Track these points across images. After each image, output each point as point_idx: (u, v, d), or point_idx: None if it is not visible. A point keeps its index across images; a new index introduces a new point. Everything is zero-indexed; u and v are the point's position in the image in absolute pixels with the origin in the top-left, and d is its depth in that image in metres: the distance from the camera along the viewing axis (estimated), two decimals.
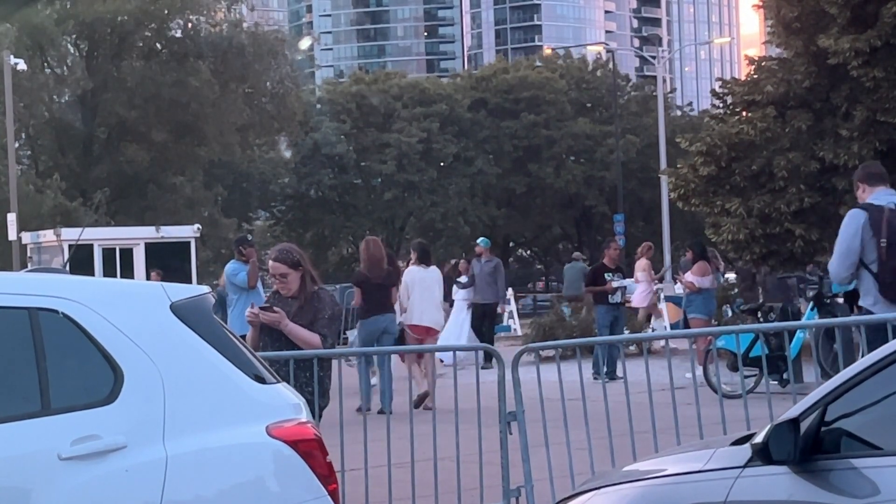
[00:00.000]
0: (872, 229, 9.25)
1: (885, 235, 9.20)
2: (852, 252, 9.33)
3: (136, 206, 52.31)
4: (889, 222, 9.21)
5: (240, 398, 5.18)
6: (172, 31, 56.60)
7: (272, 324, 8.64)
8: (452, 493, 8.92)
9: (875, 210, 9.30)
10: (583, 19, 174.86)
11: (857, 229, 9.32)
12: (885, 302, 9.29)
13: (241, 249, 16.31)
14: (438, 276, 17.16)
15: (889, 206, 9.31)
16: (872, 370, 4.70)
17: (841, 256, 9.43)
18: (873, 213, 9.29)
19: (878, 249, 9.22)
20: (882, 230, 9.21)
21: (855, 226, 9.34)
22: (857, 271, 9.42)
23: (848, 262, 9.37)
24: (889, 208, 9.29)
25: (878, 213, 9.26)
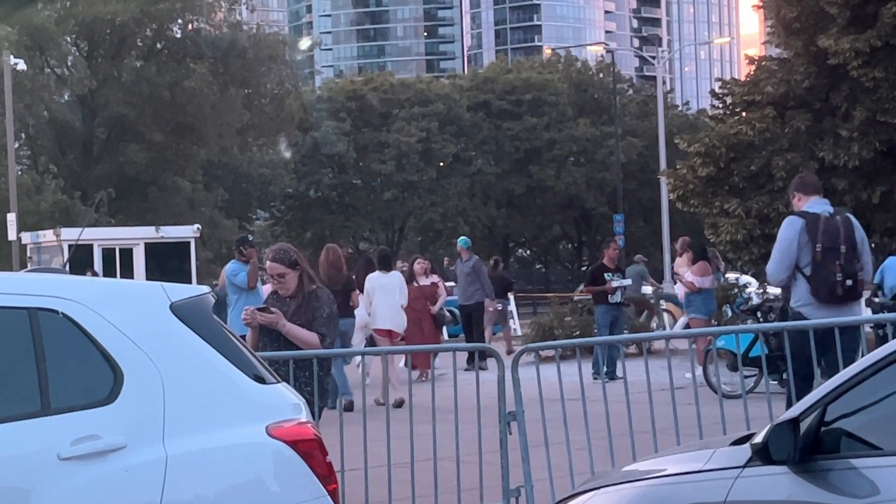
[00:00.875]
0: (808, 235, 9.89)
1: (820, 241, 9.84)
2: (789, 256, 9.98)
3: (136, 206, 52.32)
4: (825, 229, 9.87)
5: (239, 398, 5.18)
6: (172, 32, 56.61)
7: (270, 324, 8.64)
8: (452, 493, 8.92)
9: (811, 217, 9.97)
10: (583, 19, 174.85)
11: (794, 235, 9.98)
12: (815, 303, 9.93)
13: (241, 250, 16.30)
14: (400, 280, 17.95)
15: (824, 213, 10.01)
16: (872, 370, 4.71)
17: (778, 260, 10.06)
18: (809, 220, 9.97)
19: (812, 254, 9.86)
20: (818, 236, 9.85)
21: (792, 231, 10.00)
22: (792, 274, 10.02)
23: (785, 265, 10.02)
24: (824, 216, 9.97)
25: (814, 220, 9.94)
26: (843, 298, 9.89)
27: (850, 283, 9.86)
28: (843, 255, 9.87)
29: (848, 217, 10.13)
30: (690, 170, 22.40)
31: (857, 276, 9.91)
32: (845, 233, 9.94)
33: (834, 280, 9.84)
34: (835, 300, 9.88)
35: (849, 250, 9.89)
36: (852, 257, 9.90)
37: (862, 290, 10.10)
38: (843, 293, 9.88)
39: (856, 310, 10.11)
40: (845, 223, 10.00)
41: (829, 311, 9.83)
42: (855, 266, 9.91)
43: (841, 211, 10.31)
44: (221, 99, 53.46)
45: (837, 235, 9.92)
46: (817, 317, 9.78)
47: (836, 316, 9.73)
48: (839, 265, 9.84)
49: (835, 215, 10.06)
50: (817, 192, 10.30)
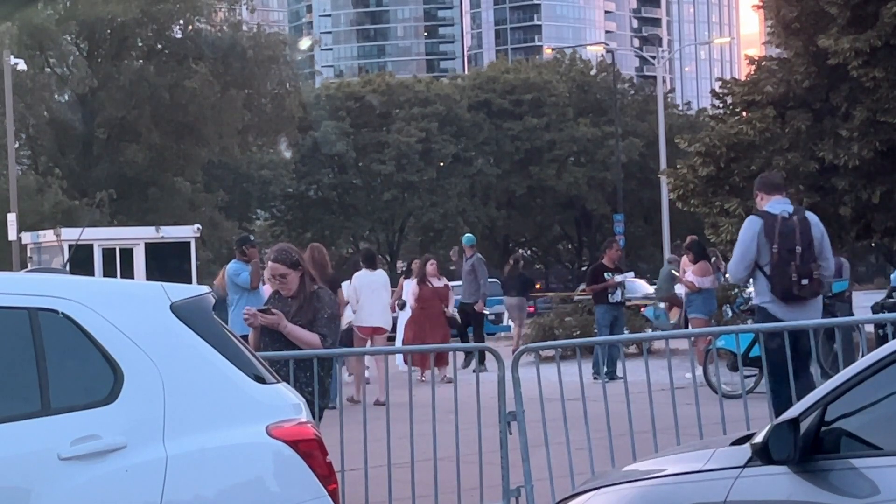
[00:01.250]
0: (766, 235, 10.20)
1: (776, 241, 10.16)
2: (748, 255, 10.30)
3: (136, 206, 52.33)
4: (781, 230, 10.18)
5: (240, 398, 5.18)
6: (173, 33, 56.62)
7: (271, 326, 8.64)
8: (452, 493, 8.91)
9: (769, 217, 10.26)
10: (583, 19, 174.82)
11: (753, 235, 10.30)
12: (776, 300, 10.25)
13: (243, 249, 16.27)
14: (385, 279, 18.30)
15: (783, 214, 10.29)
16: (872, 370, 4.71)
17: (738, 259, 10.41)
18: (768, 220, 10.27)
19: (770, 254, 10.18)
20: (775, 237, 10.16)
21: (751, 231, 10.33)
22: (753, 272, 10.38)
23: (744, 263, 10.36)
24: (782, 216, 10.26)
25: (771, 220, 10.24)
26: (801, 297, 10.19)
27: (805, 281, 10.17)
28: (799, 255, 10.17)
29: (805, 218, 10.38)
30: (691, 169, 22.41)
31: (812, 275, 10.19)
32: (801, 233, 10.22)
33: (790, 279, 10.15)
34: (792, 298, 10.19)
35: (805, 250, 10.18)
36: (808, 257, 10.19)
37: (819, 289, 10.36)
38: (800, 292, 10.19)
39: (815, 307, 10.40)
40: (802, 224, 10.27)
41: (789, 308, 10.18)
42: (811, 266, 10.20)
43: (800, 211, 10.55)
44: (222, 99, 53.48)
45: (793, 236, 10.20)
46: (780, 313, 10.16)
47: (797, 312, 10.14)
48: (795, 265, 10.15)
49: (792, 216, 10.32)
50: (779, 192, 10.56)
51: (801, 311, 10.17)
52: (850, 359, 11.72)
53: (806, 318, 9.99)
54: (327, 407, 9.27)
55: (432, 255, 21.64)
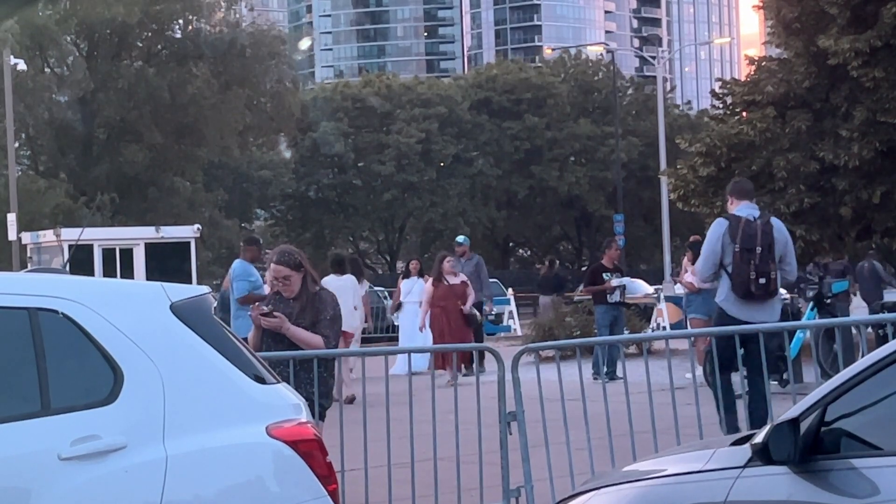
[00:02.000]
0: (730, 236, 10.82)
1: (739, 242, 10.77)
2: (714, 255, 10.95)
3: (136, 207, 52.33)
4: (744, 232, 10.78)
5: (240, 398, 5.18)
6: (172, 33, 56.64)
7: (274, 328, 8.65)
8: (452, 493, 8.91)
9: (735, 220, 10.91)
10: (583, 19, 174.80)
11: (718, 236, 10.96)
12: (735, 299, 10.87)
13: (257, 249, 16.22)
14: (353, 283, 18.38)
15: (748, 217, 10.91)
16: (872, 370, 4.71)
17: (704, 259, 11.08)
18: (733, 222, 10.93)
19: (732, 253, 10.79)
20: (737, 237, 10.78)
21: (717, 233, 10.99)
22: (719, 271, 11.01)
23: (710, 263, 11.01)
24: (747, 219, 10.88)
25: (736, 222, 10.87)
26: (758, 296, 10.77)
27: (763, 281, 10.75)
28: (759, 255, 10.75)
29: (769, 221, 10.97)
30: (691, 169, 22.40)
31: (770, 275, 10.77)
32: (763, 236, 10.81)
33: (748, 278, 10.73)
34: (750, 297, 10.78)
35: (764, 252, 10.76)
36: (767, 258, 10.77)
37: (777, 289, 10.93)
38: (757, 291, 10.76)
39: (772, 307, 10.97)
40: (764, 227, 10.87)
41: (747, 307, 10.79)
42: (769, 266, 10.77)
43: (766, 216, 11.16)
44: (221, 99, 53.49)
45: (755, 238, 10.79)
46: (736, 311, 10.82)
47: (753, 311, 10.81)
48: (754, 265, 10.73)
49: (757, 220, 10.92)
50: (748, 198, 11.19)
51: (756, 312, 10.74)
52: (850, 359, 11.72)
53: (761, 319, 10.53)
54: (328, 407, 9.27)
55: (448, 253, 20.95)
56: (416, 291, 21.29)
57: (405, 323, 21.55)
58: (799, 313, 16.98)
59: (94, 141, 54.94)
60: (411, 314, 21.30)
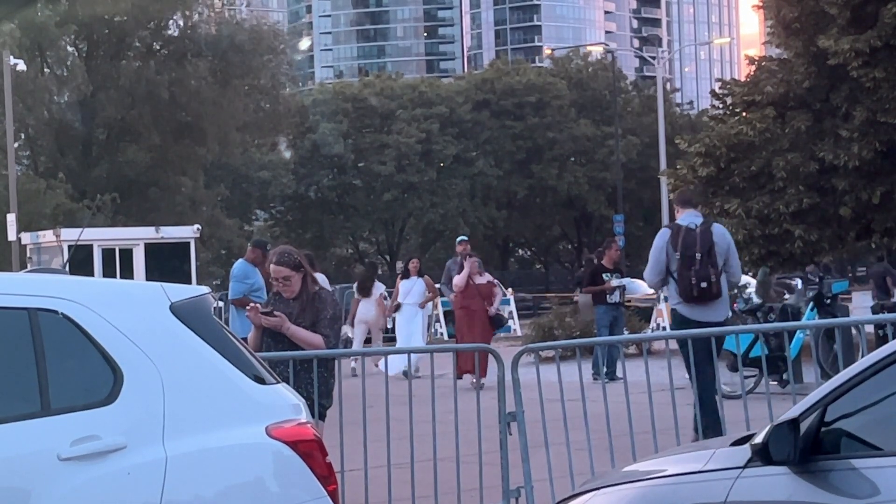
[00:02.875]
0: (672, 244, 11.51)
1: (679, 250, 11.46)
2: (659, 263, 11.63)
3: (136, 207, 52.32)
4: (684, 239, 11.46)
5: (239, 399, 5.18)
6: (170, 31, 56.67)
7: (274, 328, 8.65)
8: (452, 494, 8.91)
9: (675, 229, 11.62)
10: (583, 19, 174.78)
11: (663, 244, 11.64)
12: (684, 302, 11.54)
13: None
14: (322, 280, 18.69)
15: (689, 225, 11.56)
16: (872, 370, 4.70)
17: (650, 266, 11.75)
18: (674, 230, 11.61)
19: (676, 260, 11.48)
20: (678, 245, 11.47)
21: (661, 242, 11.66)
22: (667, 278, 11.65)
23: (656, 270, 11.68)
24: (687, 227, 11.54)
25: (677, 230, 11.57)
26: (702, 297, 11.45)
27: (704, 285, 11.40)
28: (699, 261, 11.41)
29: (707, 229, 11.60)
30: (691, 170, 22.40)
31: (710, 279, 11.41)
32: (702, 242, 11.48)
33: (690, 283, 11.41)
34: (694, 300, 11.47)
35: (704, 257, 11.43)
36: (707, 263, 11.42)
37: (720, 291, 11.52)
38: (699, 294, 11.44)
39: (719, 307, 11.61)
40: (703, 234, 11.53)
41: (696, 308, 11.49)
42: (708, 271, 11.42)
43: (707, 223, 11.78)
44: (221, 96, 53.49)
45: (694, 245, 11.47)
46: (687, 313, 11.54)
47: (701, 312, 11.47)
48: (694, 270, 11.41)
49: (698, 227, 11.58)
50: (691, 207, 11.96)
51: (706, 311, 11.49)
52: (850, 359, 11.73)
53: (711, 318, 11.38)
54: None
55: (473, 253, 20.29)
56: (417, 292, 20.98)
57: (403, 324, 21.10)
58: (799, 313, 16.98)
59: (94, 141, 54.95)
60: (410, 315, 20.96)
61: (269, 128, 60.12)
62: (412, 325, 20.80)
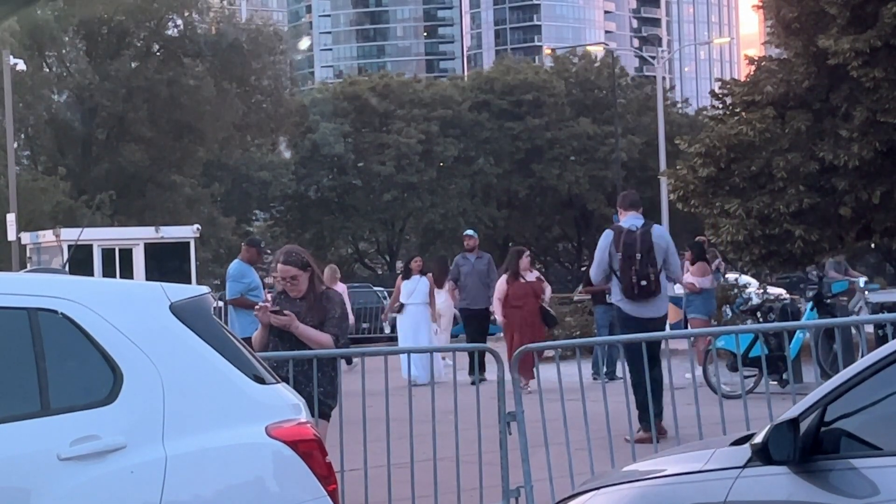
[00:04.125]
0: (615, 245, 12.39)
1: (620, 250, 12.35)
2: (603, 262, 12.54)
3: (135, 205, 52.34)
4: (625, 240, 12.35)
5: (239, 398, 5.18)
6: (169, 31, 56.70)
7: (283, 326, 8.62)
8: (452, 494, 8.91)
9: (618, 230, 12.49)
10: (582, 19, 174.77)
11: (606, 245, 12.53)
12: (625, 299, 12.40)
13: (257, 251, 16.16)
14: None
15: (631, 227, 12.44)
16: (872, 370, 4.70)
17: (595, 265, 12.73)
18: (617, 232, 12.50)
19: (619, 261, 12.35)
20: (619, 246, 12.35)
21: (605, 242, 12.56)
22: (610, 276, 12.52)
23: (600, 269, 12.61)
24: (628, 229, 12.42)
25: (619, 232, 12.46)
26: (641, 295, 12.32)
27: (643, 283, 12.29)
28: (639, 261, 12.28)
29: (647, 231, 12.47)
30: (691, 170, 22.38)
31: (650, 277, 12.29)
32: (641, 243, 12.34)
33: (630, 281, 12.28)
34: (634, 296, 12.35)
35: (644, 257, 12.30)
36: (646, 262, 12.30)
37: (659, 289, 12.39)
38: (639, 291, 12.31)
39: (658, 303, 12.49)
40: (643, 235, 12.40)
41: (637, 304, 12.37)
42: (648, 270, 12.30)
43: (647, 225, 12.61)
44: (220, 95, 53.51)
45: (634, 245, 12.34)
46: (628, 309, 12.41)
47: (641, 308, 12.35)
48: (634, 269, 12.30)
49: (638, 228, 12.44)
50: (634, 209, 12.72)
51: (646, 308, 12.37)
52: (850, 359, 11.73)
53: (651, 314, 12.32)
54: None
55: (525, 248, 19.22)
56: (421, 291, 20.17)
57: (406, 326, 20.22)
58: (799, 313, 16.99)
59: (94, 140, 54.97)
60: (415, 316, 20.11)
61: (269, 128, 60.13)
62: (419, 326, 19.95)
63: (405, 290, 20.24)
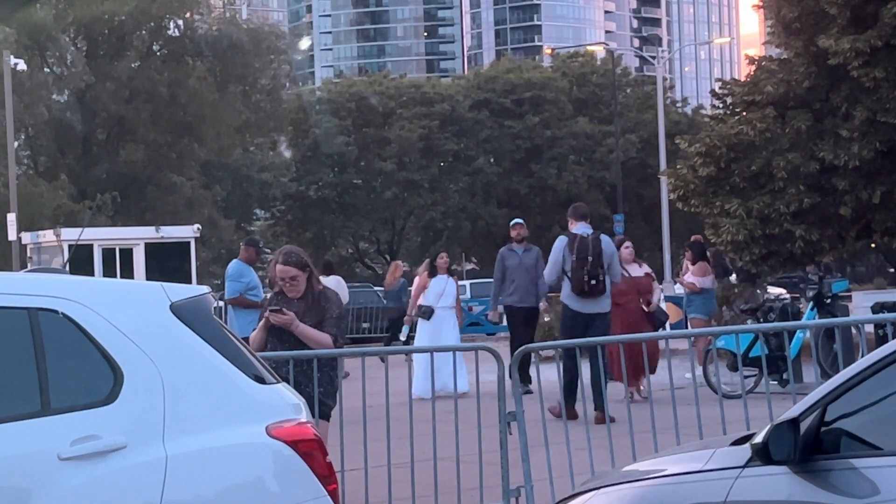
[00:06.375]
0: (569, 249, 14.20)
1: (575, 253, 14.13)
2: (557, 265, 14.31)
3: (135, 206, 52.35)
4: (579, 245, 14.15)
5: (239, 398, 5.18)
6: (170, 31, 56.70)
7: (283, 325, 8.63)
8: (452, 493, 8.91)
9: (572, 237, 14.32)
10: (583, 19, 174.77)
11: (560, 249, 14.33)
12: (575, 297, 14.16)
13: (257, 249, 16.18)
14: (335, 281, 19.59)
15: (582, 234, 14.29)
16: (872, 370, 4.70)
17: (550, 266, 14.53)
18: (571, 239, 14.31)
19: (571, 262, 14.14)
20: (574, 250, 14.14)
21: (560, 247, 14.36)
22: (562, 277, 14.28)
23: (555, 269, 14.37)
24: (581, 236, 14.25)
25: (573, 238, 14.28)
26: (591, 293, 14.08)
27: (594, 282, 14.06)
28: (590, 262, 14.10)
29: (597, 237, 14.34)
30: (691, 170, 22.38)
31: (599, 277, 14.09)
32: (593, 248, 14.17)
33: (583, 280, 14.04)
34: (584, 294, 14.08)
35: (594, 260, 14.11)
36: (597, 265, 14.11)
37: (605, 289, 14.17)
38: (590, 289, 14.07)
39: (603, 301, 14.20)
40: (594, 242, 14.25)
41: (583, 301, 14.13)
42: (598, 271, 14.11)
43: (596, 233, 14.47)
44: (220, 95, 53.52)
45: (587, 249, 14.15)
46: (576, 305, 14.17)
47: (589, 305, 14.09)
48: (587, 270, 14.08)
49: (589, 236, 14.29)
50: (584, 219, 14.60)
51: (591, 305, 14.12)
52: (850, 359, 11.73)
53: (596, 309, 14.07)
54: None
55: (627, 238, 17.47)
56: (450, 294, 17.90)
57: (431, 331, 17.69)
58: (799, 313, 16.99)
59: (94, 140, 54.97)
60: (444, 321, 17.73)
61: (269, 127, 60.14)
62: (448, 333, 17.64)
63: (433, 292, 17.95)
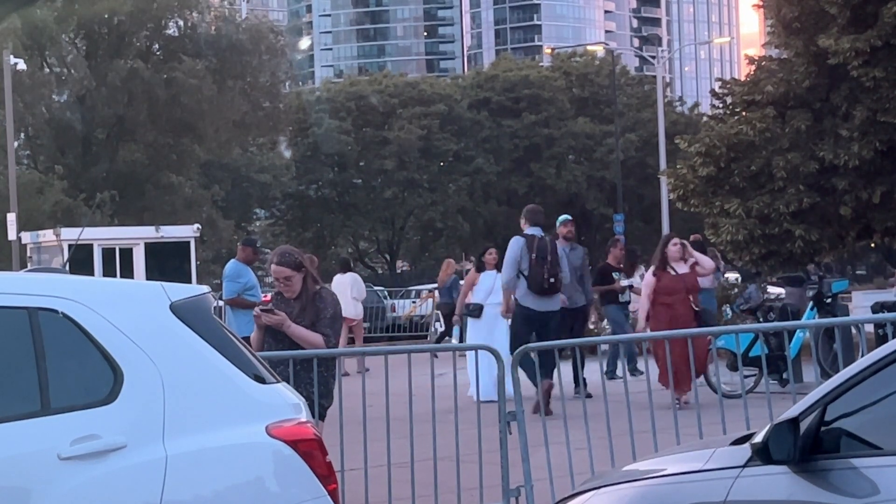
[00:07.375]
0: (527, 250, 14.69)
1: (535, 253, 14.63)
2: (514, 265, 14.72)
3: (134, 205, 52.34)
4: (537, 246, 14.72)
5: (239, 398, 5.18)
6: (169, 31, 56.71)
7: (275, 325, 8.67)
8: (452, 493, 8.91)
9: (529, 238, 14.85)
10: (583, 19, 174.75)
11: (518, 250, 14.79)
12: (531, 294, 14.62)
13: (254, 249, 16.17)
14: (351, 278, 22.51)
15: (538, 235, 14.89)
16: (872, 370, 4.70)
17: (507, 266, 14.86)
18: (528, 239, 14.84)
19: (529, 262, 14.62)
20: (533, 250, 14.65)
21: (517, 248, 14.82)
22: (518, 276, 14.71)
23: (513, 269, 14.74)
24: (538, 237, 14.83)
25: (531, 239, 14.83)
26: (548, 291, 14.63)
27: (552, 280, 14.63)
28: (549, 262, 14.68)
29: (552, 240, 15.17)
30: (691, 169, 22.38)
31: (556, 276, 14.68)
32: (550, 249, 14.84)
33: (542, 279, 14.55)
34: (542, 292, 14.58)
35: (551, 260, 14.73)
36: (554, 265, 14.72)
37: (560, 287, 14.85)
38: (549, 286, 14.61)
39: (556, 299, 14.83)
40: (550, 243, 15.01)
41: (538, 299, 14.62)
42: (556, 269, 14.71)
43: (548, 237, 15.18)
44: (219, 94, 53.51)
45: (545, 249, 14.77)
46: (532, 304, 14.62)
47: (544, 303, 14.62)
48: (546, 268, 14.60)
49: (544, 237, 14.96)
50: (538, 223, 15.11)
51: (547, 302, 14.65)
52: (850, 358, 11.73)
53: (550, 307, 14.63)
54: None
55: (674, 234, 16.78)
56: (499, 290, 16.21)
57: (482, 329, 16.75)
58: (799, 313, 16.98)
59: (93, 140, 54.97)
60: (494, 319, 16.49)
61: (269, 127, 60.13)
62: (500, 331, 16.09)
63: (483, 288, 17.20)
